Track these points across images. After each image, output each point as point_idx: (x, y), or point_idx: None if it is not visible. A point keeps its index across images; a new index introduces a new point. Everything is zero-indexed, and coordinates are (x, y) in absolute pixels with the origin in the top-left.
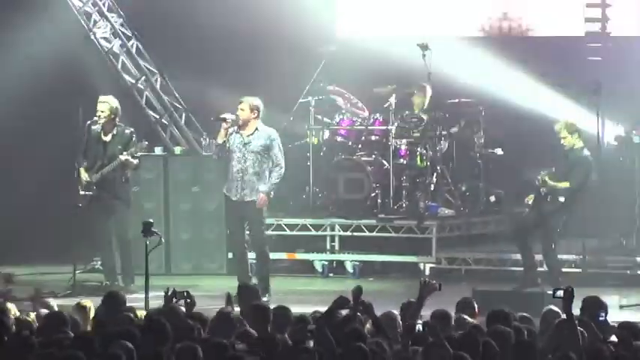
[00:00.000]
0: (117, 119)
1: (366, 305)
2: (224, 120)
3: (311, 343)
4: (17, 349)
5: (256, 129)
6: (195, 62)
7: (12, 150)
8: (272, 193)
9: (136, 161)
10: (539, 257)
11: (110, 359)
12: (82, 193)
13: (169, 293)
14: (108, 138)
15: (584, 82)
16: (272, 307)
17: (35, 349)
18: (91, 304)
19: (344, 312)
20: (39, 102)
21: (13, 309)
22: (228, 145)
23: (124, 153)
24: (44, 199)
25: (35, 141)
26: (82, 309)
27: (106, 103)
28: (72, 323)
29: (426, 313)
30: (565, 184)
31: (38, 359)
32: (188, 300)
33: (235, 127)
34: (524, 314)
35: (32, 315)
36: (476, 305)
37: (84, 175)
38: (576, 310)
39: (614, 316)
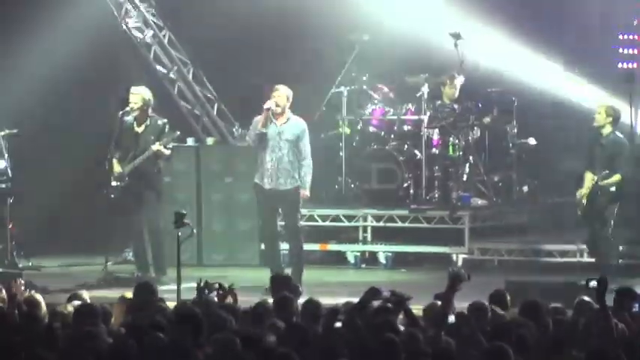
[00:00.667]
0: (149, 110)
1: (398, 296)
2: (268, 109)
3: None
4: (46, 341)
5: (288, 118)
6: (226, 52)
7: (47, 140)
8: (309, 187)
9: (168, 152)
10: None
11: (147, 349)
12: (114, 184)
13: (201, 285)
14: (141, 129)
15: (617, 72)
16: (303, 299)
17: (62, 340)
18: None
19: (376, 303)
20: (73, 93)
21: (42, 302)
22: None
23: (157, 143)
24: (78, 190)
25: (70, 132)
26: (125, 300)
27: (139, 95)
28: (103, 315)
29: (462, 305)
30: (617, 178)
31: (65, 351)
32: (220, 291)
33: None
34: (557, 305)
35: (69, 307)
36: (508, 296)
37: (117, 167)
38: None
39: None
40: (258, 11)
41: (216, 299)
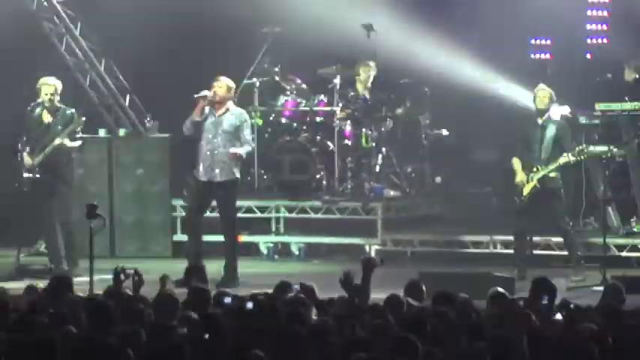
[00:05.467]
0: (57, 100)
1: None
2: (204, 97)
3: None
4: None
5: (228, 109)
6: (137, 43)
7: None
8: (244, 156)
9: (77, 143)
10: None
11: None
12: (25, 175)
13: (118, 270)
14: (49, 119)
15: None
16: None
17: None
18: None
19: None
20: None
21: None
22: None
23: (59, 136)
24: None
25: None
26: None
27: (52, 86)
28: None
29: (378, 296)
30: (565, 159)
31: None
32: (136, 278)
33: (208, 107)
34: (464, 295)
35: None
36: (424, 287)
37: (27, 159)
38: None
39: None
40: (172, 2)
41: (131, 286)
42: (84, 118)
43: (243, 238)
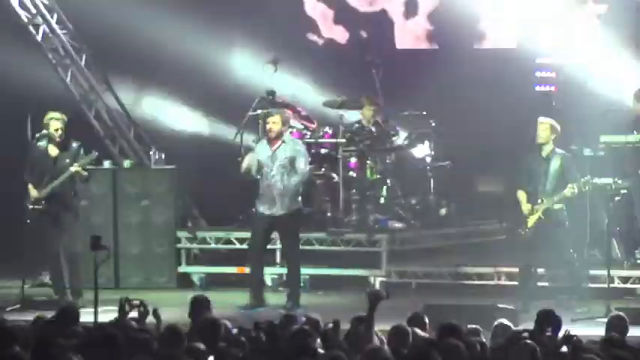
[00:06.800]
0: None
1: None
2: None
3: None
4: None
5: (283, 141)
6: (143, 75)
7: None
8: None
9: (85, 173)
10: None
11: None
12: (30, 207)
13: (123, 302)
14: (55, 152)
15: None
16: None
17: None
18: None
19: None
20: None
21: None
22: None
23: (75, 165)
24: None
25: None
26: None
27: (60, 120)
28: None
29: (382, 327)
30: (570, 191)
31: None
32: (141, 309)
33: (264, 140)
34: (473, 327)
35: None
36: (427, 320)
37: (33, 191)
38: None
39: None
40: (174, 34)
41: (136, 317)
42: (96, 153)
43: (248, 269)
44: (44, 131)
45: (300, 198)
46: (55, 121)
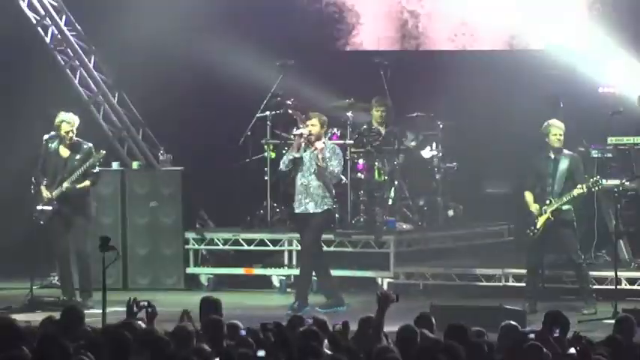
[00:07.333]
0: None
1: (319, 321)
2: (300, 135)
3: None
4: None
5: (323, 143)
6: (150, 75)
7: None
8: (326, 164)
9: (96, 171)
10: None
11: None
12: (40, 208)
13: (131, 303)
14: (66, 153)
15: (543, 96)
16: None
17: None
18: None
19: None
20: None
21: None
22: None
23: (85, 165)
24: (2, 214)
25: None
26: None
27: (71, 122)
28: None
29: (390, 329)
30: (579, 191)
31: None
32: (149, 310)
33: (304, 143)
34: (479, 328)
35: None
36: (434, 320)
37: (45, 192)
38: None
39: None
40: (184, 35)
41: (144, 318)
42: (104, 152)
43: (256, 271)
44: (54, 132)
45: (330, 200)
46: (65, 124)
